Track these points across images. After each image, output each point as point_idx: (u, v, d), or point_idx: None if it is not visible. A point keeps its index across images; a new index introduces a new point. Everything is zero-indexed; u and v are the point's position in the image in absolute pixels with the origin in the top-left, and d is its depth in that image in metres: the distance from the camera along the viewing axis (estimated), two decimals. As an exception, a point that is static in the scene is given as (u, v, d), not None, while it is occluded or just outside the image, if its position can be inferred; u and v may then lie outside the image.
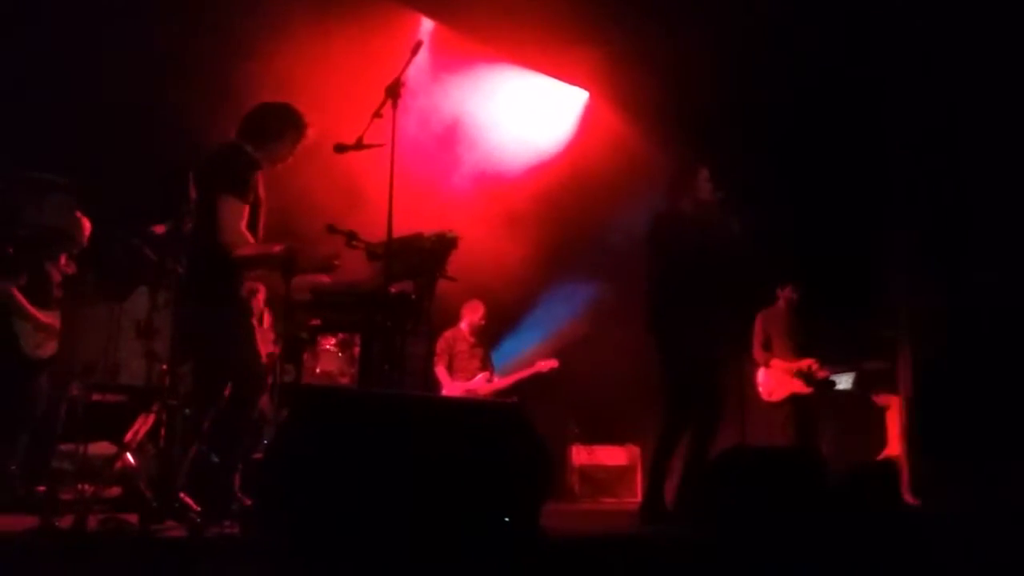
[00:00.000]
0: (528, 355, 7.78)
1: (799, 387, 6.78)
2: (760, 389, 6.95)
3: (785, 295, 7.01)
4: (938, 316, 5.91)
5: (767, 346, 6.97)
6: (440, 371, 7.23)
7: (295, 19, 6.59)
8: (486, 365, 7.33)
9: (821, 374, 6.85)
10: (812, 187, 6.84)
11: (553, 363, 7.36)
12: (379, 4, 6.82)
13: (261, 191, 4.07)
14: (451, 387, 7.15)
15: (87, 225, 4.84)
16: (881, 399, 7.14)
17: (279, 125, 4.16)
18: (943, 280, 5.89)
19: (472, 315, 7.28)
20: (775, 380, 6.87)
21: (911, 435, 6.02)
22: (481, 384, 7.20)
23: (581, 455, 7.70)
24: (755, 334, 7.03)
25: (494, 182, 7.90)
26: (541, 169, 8.41)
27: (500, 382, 7.29)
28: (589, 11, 6.88)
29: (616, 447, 7.75)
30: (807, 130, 6.82)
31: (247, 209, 3.93)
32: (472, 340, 7.32)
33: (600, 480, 7.64)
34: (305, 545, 2.83)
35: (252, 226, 3.98)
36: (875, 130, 6.39)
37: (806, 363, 6.81)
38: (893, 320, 6.34)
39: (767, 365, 6.92)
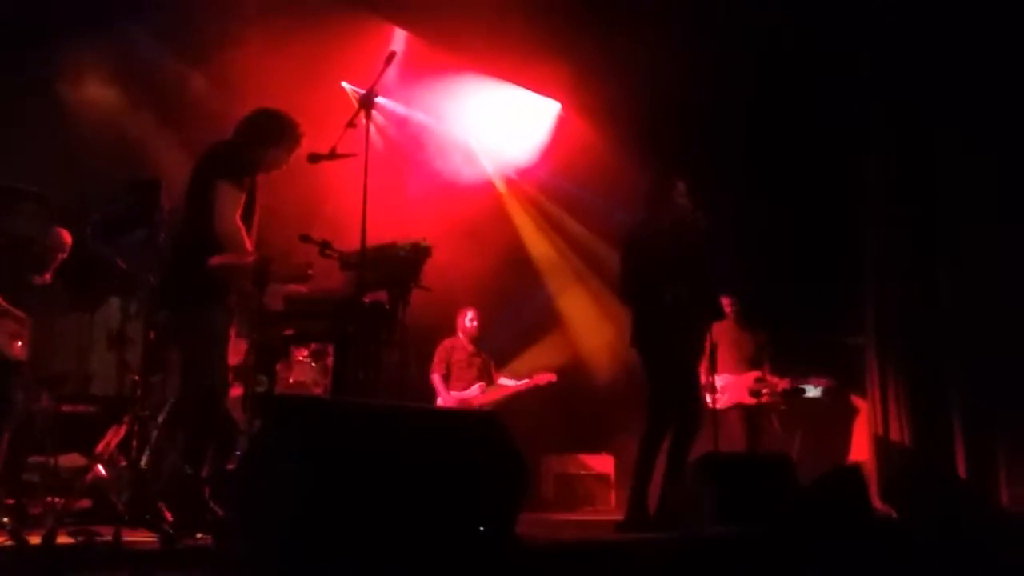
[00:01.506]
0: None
1: (744, 398, 6.77)
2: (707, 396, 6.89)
3: (727, 305, 6.85)
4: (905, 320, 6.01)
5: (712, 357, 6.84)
6: (436, 380, 7.20)
7: (269, 29, 6.61)
8: (483, 375, 7.30)
9: (779, 387, 6.79)
10: (781, 194, 6.91)
11: (551, 377, 7.36)
12: (353, 15, 6.83)
13: (257, 193, 4.09)
14: (446, 397, 7.13)
15: (67, 237, 4.79)
16: (850, 403, 7.21)
17: (276, 131, 4.18)
18: (911, 286, 5.99)
19: (463, 321, 7.28)
20: (723, 389, 6.79)
21: (880, 440, 6.11)
22: (475, 394, 7.18)
23: (556, 464, 7.72)
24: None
25: (466, 191, 7.95)
26: (513, 179, 8.49)
27: (495, 393, 7.27)
28: (560, 23, 6.95)
29: (591, 456, 7.77)
30: (775, 136, 6.90)
31: (243, 200, 3.94)
32: (471, 348, 7.30)
33: (575, 489, 7.65)
34: (278, 555, 2.82)
35: (246, 224, 3.97)
36: (844, 137, 6.50)
37: (751, 376, 6.78)
38: (860, 327, 6.44)
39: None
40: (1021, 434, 5.54)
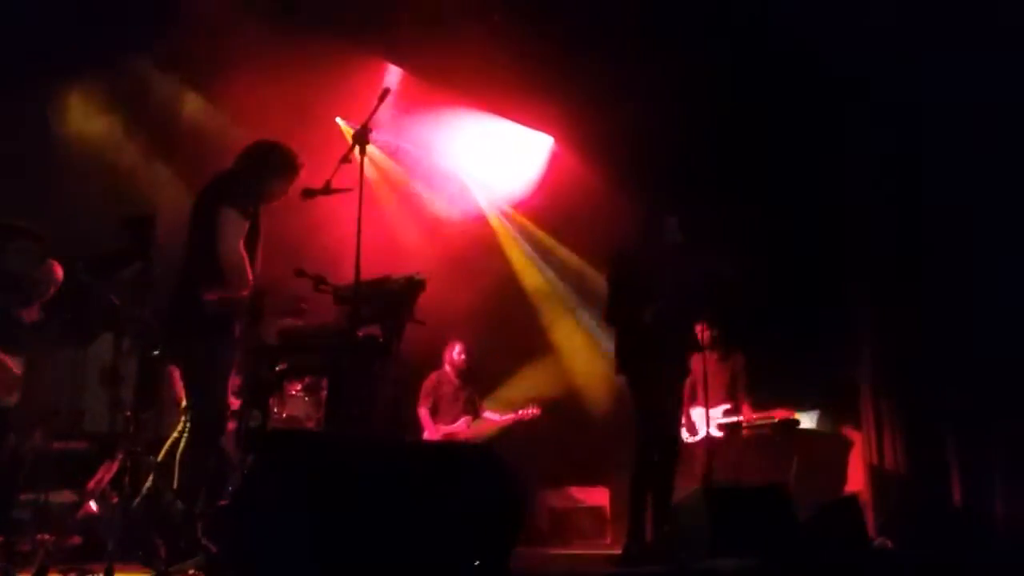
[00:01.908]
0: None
1: (712, 430, 6.59)
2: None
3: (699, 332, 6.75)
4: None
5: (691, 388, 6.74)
6: (423, 413, 7.19)
7: (264, 65, 6.67)
8: (470, 408, 7.29)
9: (748, 419, 6.62)
10: (774, 227, 6.94)
11: (535, 411, 7.34)
12: (347, 52, 6.90)
13: (260, 223, 4.14)
14: (432, 430, 7.11)
15: (59, 271, 4.78)
16: (846, 435, 7.18)
17: (277, 162, 4.24)
18: (907, 316, 6.00)
19: (450, 354, 7.27)
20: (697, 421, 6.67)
21: (875, 470, 6.09)
22: (462, 428, 7.16)
23: (551, 497, 7.66)
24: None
25: (458, 225, 7.98)
26: (506, 212, 8.53)
27: (481, 427, 7.25)
28: (553, 59, 7.03)
29: (586, 488, 7.72)
30: (767, 170, 6.94)
31: (247, 227, 3.98)
32: (457, 382, 7.29)
33: (570, 523, 7.59)
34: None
35: (250, 252, 4.01)
36: (836, 168, 6.55)
37: (721, 408, 6.64)
38: (856, 358, 6.44)
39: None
40: (1016, 461, 5.53)
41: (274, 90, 6.76)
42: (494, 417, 7.35)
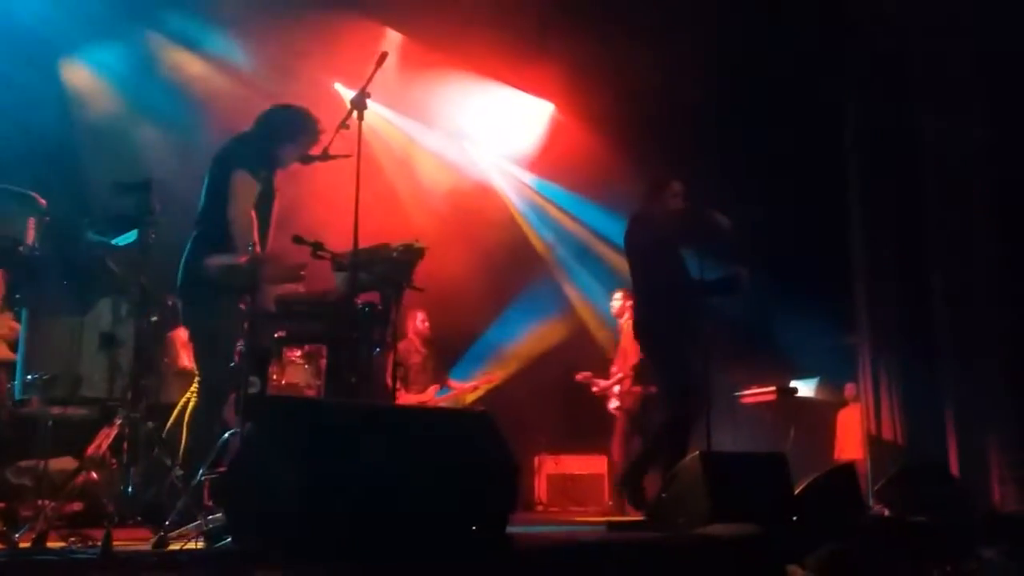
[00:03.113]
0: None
1: (627, 403, 6.89)
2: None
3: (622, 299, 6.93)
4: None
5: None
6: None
7: (263, 30, 6.60)
8: (438, 377, 7.33)
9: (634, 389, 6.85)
10: (776, 195, 6.92)
11: (494, 377, 7.42)
12: (346, 16, 6.82)
13: (275, 189, 4.19)
14: (403, 399, 7.15)
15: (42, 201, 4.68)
16: (842, 402, 7.22)
17: (294, 128, 4.24)
18: (902, 286, 6.00)
19: (414, 323, 7.28)
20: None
21: (872, 439, 6.12)
22: (430, 396, 7.20)
23: (549, 464, 7.71)
24: None
25: (460, 193, 7.94)
26: (507, 179, 8.49)
27: (449, 395, 7.31)
28: (554, 25, 6.96)
29: (584, 456, 7.77)
30: (770, 139, 6.90)
31: (257, 190, 4.03)
32: (424, 351, 7.32)
33: (567, 489, 7.65)
34: (272, 556, 2.81)
35: (262, 216, 4.06)
36: (838, 139, 6.51)
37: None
38: (854, 328, 6.45)
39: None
40: (1013, 432, 5.56)
41: (273, 55, 6.70)
42: (459, 383, 7.46)
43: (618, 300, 6.92)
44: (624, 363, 6.91)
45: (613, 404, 7.04)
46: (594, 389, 7.13)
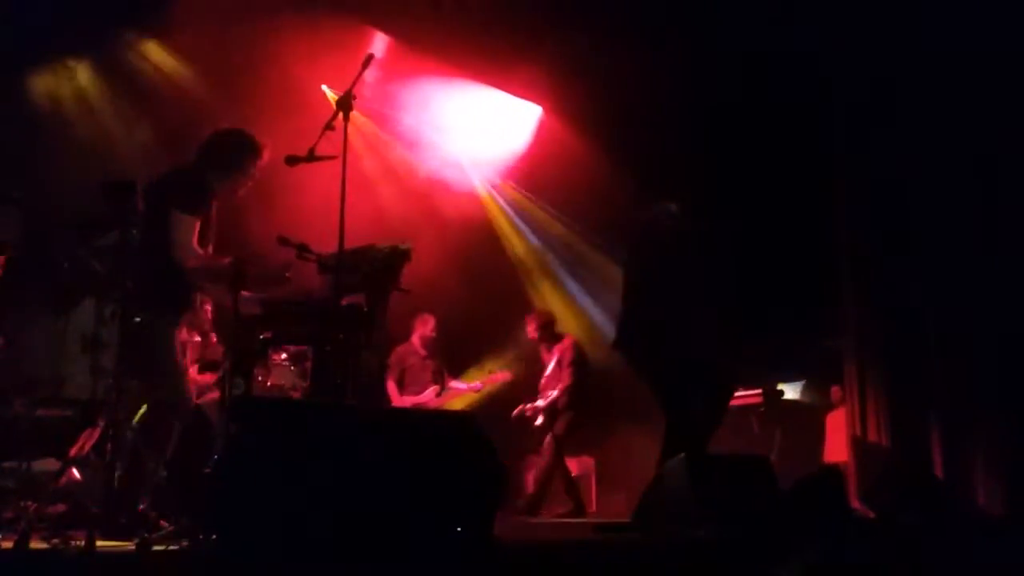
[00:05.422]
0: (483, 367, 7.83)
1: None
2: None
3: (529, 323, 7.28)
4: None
5: None
6: (390, 385, 7.20)
7: (249, 31, 6.58)
8: (437, 379, 7.30)
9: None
10: (760, 198, 6.94)
11: (506, 375, 7.37)
12: (333, 18, 6.81)
13: (213, 216, 4.10)
14: (399, 402, 7.13)
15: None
16: (828, 405, 7.24)
17: (239, 155, 4.17)
18: (887, 288, 6.03)
19: (423, 328, 7.26)
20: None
21: (857, 441, 6.14)
22: (430, 398, 7.18)
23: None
24: None
25: (447, 195, 7.94)
26: (493, 181, 8.49)
27: (449, 396, 7.28)
28: (541, 27, 6.96)
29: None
30: (754, 141, 6.92)
31: (198, 225, 3.95)
32: (424, 353, 7.29)
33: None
34: (255, 557, 2.80)
35: (202, 246, 4.00)
36: (822, 140, 6.53)
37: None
38: (839, 330, 6.47)
39: None
40: (998, 434, 5.58)
41: (259, 56, 6.68)
42: (461, 386, 7.41)
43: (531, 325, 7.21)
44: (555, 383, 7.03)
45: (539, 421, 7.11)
46: (528, 413, 7.18)
